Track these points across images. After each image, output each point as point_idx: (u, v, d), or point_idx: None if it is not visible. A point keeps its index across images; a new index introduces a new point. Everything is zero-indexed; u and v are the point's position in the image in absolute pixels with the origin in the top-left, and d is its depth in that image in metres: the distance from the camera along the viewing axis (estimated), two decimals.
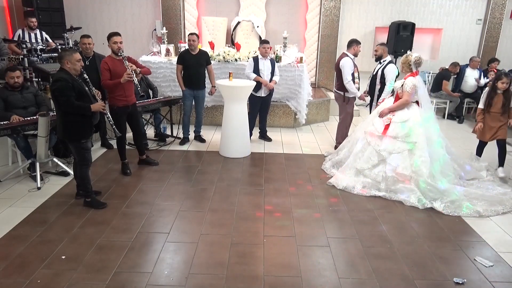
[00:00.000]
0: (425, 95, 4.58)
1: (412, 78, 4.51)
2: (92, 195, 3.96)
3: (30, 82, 5.79)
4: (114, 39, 4.51)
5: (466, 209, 4.03)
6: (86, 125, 3.84)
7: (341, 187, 4.54)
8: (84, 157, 3.90)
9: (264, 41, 5.90)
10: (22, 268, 2.98)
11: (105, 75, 4.50)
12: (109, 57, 4.61)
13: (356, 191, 4.44)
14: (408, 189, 4.30)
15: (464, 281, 2.96)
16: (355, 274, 3.02)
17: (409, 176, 4.33)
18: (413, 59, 4.51)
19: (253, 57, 5.94)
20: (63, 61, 3.67)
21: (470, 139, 6.72)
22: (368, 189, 4.44)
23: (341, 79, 5.55)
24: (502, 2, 8.45)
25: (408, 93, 4.47)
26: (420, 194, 4.22)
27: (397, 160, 4.40)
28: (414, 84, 4.45)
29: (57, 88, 3.61)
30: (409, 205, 4.16)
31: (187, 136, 6.06)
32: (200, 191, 4.39)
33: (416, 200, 4.19)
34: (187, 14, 8.44)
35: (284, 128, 7.01)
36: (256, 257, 3.20)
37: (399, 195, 4.30)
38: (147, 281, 2.87)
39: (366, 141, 4.70)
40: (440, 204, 4.11)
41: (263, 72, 5.78)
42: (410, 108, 4.53)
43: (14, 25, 8.07)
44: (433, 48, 9.09)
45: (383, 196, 4.34)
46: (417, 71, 4.55)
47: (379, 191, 4.41)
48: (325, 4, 8.23)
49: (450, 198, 4.13)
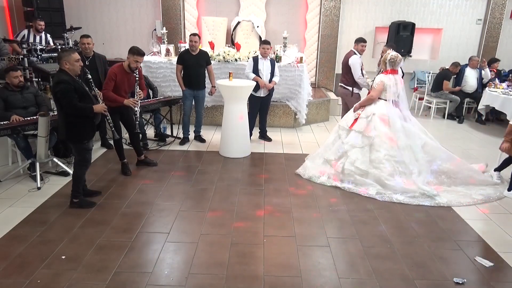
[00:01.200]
0: (396, 93, 4.62)
1: (382, 75, 4.63)
2: (80, 196, 3.95)
3: (30, 82, 5.79)
4: (137, 59, 4.51)
5: (429, 202, 4.19)
6: (89, 126, 3.84)
7: (306, 176, 4.75)
8: (85, 158, 3.91)
9: (264, 41, 5.90)
10: (22, 268, 2.98)
11: (110, 84, 4.49)
12: (120, 67, 4.57)
13: (319, 181, 4.64)
14: (366, 183, 4.43)
15: (464, 281, 2.96)
16: (355, 274, 3.02)
17: (366, 171, 4.46)
18: (388, 57, 4.60)
19: (253, 57, 5.93)
20: (61, 61, 3.65)
21: (470, 139, 6.74)
22: (331, 180, 4.61)
23: (349, 75, 5.81)
24: (502, 2, 8.45)
25: (374, 89, 4.63)
26: (380, 188, 4.37)
27: (357, 154, 4.56)
28: (382, 81, 4.57)
29: (59, 91, 3.60)
30: (367, 196, 4.31)
31: (187, 136, 6.06)
32: (200, 191, 4.39)
33: (374, 192, 4.33)
34: (187, 14, 8.44)
35: (284, 128, 7.01)
36: (256, 257, 3.20)
37: (357, 188, 4.43)
38: (147, 281, 2.87)
39: (337, 134, 4.91)
40: (400, 195, 4.27)
41: (262, 72, 5.78)
42: (377, 104, 4.65)
43: (14, 25, 8.08)
44: (433, 48, 9.08)
45: (343, 187, 4.49)
46: (393, 70, 4.60)
47: (342, 182, 4.55)
48: (325, 4, 8.23)
49: (411, 194, 4.28)
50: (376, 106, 4.64)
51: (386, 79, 4.57)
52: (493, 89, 7.23)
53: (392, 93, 4.58)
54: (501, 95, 6.81)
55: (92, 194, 4.17)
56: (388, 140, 4.49)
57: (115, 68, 4.58)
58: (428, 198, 4.24)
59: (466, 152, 5.96)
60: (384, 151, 4.46)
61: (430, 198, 4.24)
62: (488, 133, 7.14)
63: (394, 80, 4.58)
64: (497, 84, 7.45)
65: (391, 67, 4.60)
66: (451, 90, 7.89)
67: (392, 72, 4.59)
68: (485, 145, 6.41)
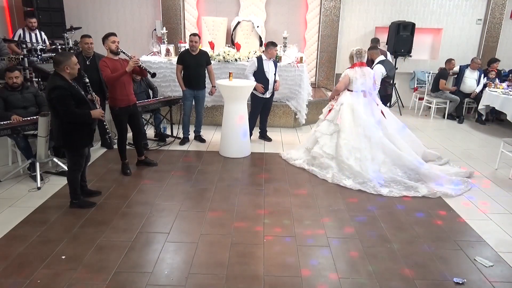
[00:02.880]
0: (365, 84, 4.94)
1: (348, 70, 5.05)
2: (79, 197, 3.93)
3: (30, 82, 5.79)
4: (112, 39, 4.48)
5: (371, 189, 4.48)
6: (86, 133, 3.78)
7: (284, 157, 5.39)
8: (79, 163, 3.86)
9: (272, 43, 5.73)
10: (22, 268, 2.98)
11: (106, 71, 4.47)
12: (106, 57, 4.57)
13: (293, 162, 5.21)
14: (327, 165, 4.88)
15: (464, 281, 2.96)
16: (355, 274, 3.02)
17: (332, 155, 4.90)
18: (354, 51, 4.99)
19: (256, 57, 5.83)
20: (62, 66, 3.50)
21: (470, 139, 6.74)
22: (305, 163, 5.09)
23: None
24: (502, 2, 8.45)
25: (340, 81, 5.09)
26: (336, 171, 4.78)
27: (326, 140, 5.02)
28: (346, 74, 4.99)
29: (55, 97, 3.46)
30: (321, 178, 4.76)
31: (187, 136, 6.06)
32: (200, 191, 4.39)
33: (331, 175, 4.75)
34: (187, 14, 8.43)
35: (284, 128, 7.01)
36: (256, 257, 3.20)
37: (321, 171, 4.87)
38: (147, 281, 2.87)
39: (317, 125, 5.40)
40: (348, 180, 4.64)
41: (268, 73, 5.72)
42: (346, 95, 5.04)
43: (14, 25, 8.07)
44: (433, 48, 9.08)
45: (308, 169, 4.99)
46: (360, 63, 4.96)
47: (311, 166, 5.02)
48: (325, 4, 8.23)
49: (362, 180, 4.61)
50: (346, 97, 5.02)
51: (351, 72, 4.97)
52: (493, 89, 7.23)
53: (359, 84, 4.93)
54: (501, 95, 6.81)
55: (92, 194, 4.17)
56: (349, 127, 4.86)
57: (104, 59, 4.56)
58: (372, 186, 4.51)
59: (466, 152, 5.96)
60: (343, 135, 4.86)
61: (374, 186, 4.50)
62: (488, 133, 7.13)
63: (361, 72, 4.93)
64: (497, 84, 7.45)
65: (358, 60, 4.96)
66: (447, 89, 7.89)
67: (360, 64, 4.96)
68: (485, 145, 6.41)
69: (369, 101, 4.98)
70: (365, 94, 4.97)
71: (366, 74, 4.95)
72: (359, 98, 4.93)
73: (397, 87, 8.58)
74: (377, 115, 4.97)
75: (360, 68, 4.94)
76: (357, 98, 4.94)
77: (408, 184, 4.54)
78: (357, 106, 4.91)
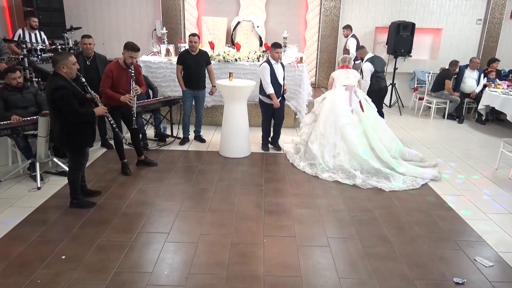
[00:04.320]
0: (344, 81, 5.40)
1: (333, 72, 5.82)
2: (79, 197, 3.93)
3: (30, 82, 5.78)
4: (132, 54, 4.45)
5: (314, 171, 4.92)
6: (89, 132, 3.78)
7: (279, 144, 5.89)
8: (80, 163, 3.86)
9: (277, 44, 5.37)
10: (22, 268, 2.98)
11: (107, 82, 4.47)
12: (117, 64, 4.54)
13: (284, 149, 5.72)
14: (299, 150, 5.41)
15: (464, 281, 2.96)
16: (355, 274, 3.02)
17: (304, 141, 5.38)
18: (340, 59, 5.75)
19: (265, 62, 5.46)
20: (58, 65, 3.48)
21: (470, 139, 6.74)
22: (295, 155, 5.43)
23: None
24: (502, 2, 8.45)
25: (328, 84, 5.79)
26: (302, 155, 5.29)
27: (305, 129, 5.52)
28: (331, 75, 5.68)
29: (59, 97, 3.44)
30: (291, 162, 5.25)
31: (187, 136, 6.06)
32: (200, 191, 4.39)
33: (297, 159, 5.26)
34: (187, 14, 8.44)
35: (284, 128, 6.97)
36: (256, 257, 3.20)
37: (294, 155, 5.35)
38: (147, 281, 2.87)
39: None
40: (303, 163, 5.12)
41: (279, 77, 5.45)
42: (332, 91, 5.52)
43: (14, 25, 8.08)
44: (433, 48, 9.08)
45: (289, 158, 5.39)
46: (344, 66, 5.56)
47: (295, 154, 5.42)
48: (325, 4, 8.23)
49: (313, 162, 5.06)
50: (331, 92, 5.53)
51: (335, 73, 5.67)
52: (493, 89, 7.23)
53: (342, 79, 5.45)
54: (501, 95, 6.81)
55: (92, 194, 4.17)
56: (324, 116, 5.27)
57: (111, 65, 4.55)
58: (320, 169, 4.92)
59: (466, 152, 5.96)
60: (317, 123, 5.28)
61: (320, 169, 4.91)
62: (488, 133, 7.13)
63: (345, 72, 5.50)
64: (497, 84, 7.45)
65: (342, 64, 5.63)
66: (451, 92, 7.87)
67: (344, 67, 5.57)
68: (485, 145, 6.41)
69: (349, 92, 5.35)
70: (347, 88, 5.36)
71: (349, 73, 5.49)
72: (341, 92, 5.38)
73: (397, 87, 8.59)
74: (353, 104, 5.29)
75: (344, 69, 5.55)
76: (339, 92, 5.39)
77: (351, 173, 4.80)
78: (338, 98, 5.33)
